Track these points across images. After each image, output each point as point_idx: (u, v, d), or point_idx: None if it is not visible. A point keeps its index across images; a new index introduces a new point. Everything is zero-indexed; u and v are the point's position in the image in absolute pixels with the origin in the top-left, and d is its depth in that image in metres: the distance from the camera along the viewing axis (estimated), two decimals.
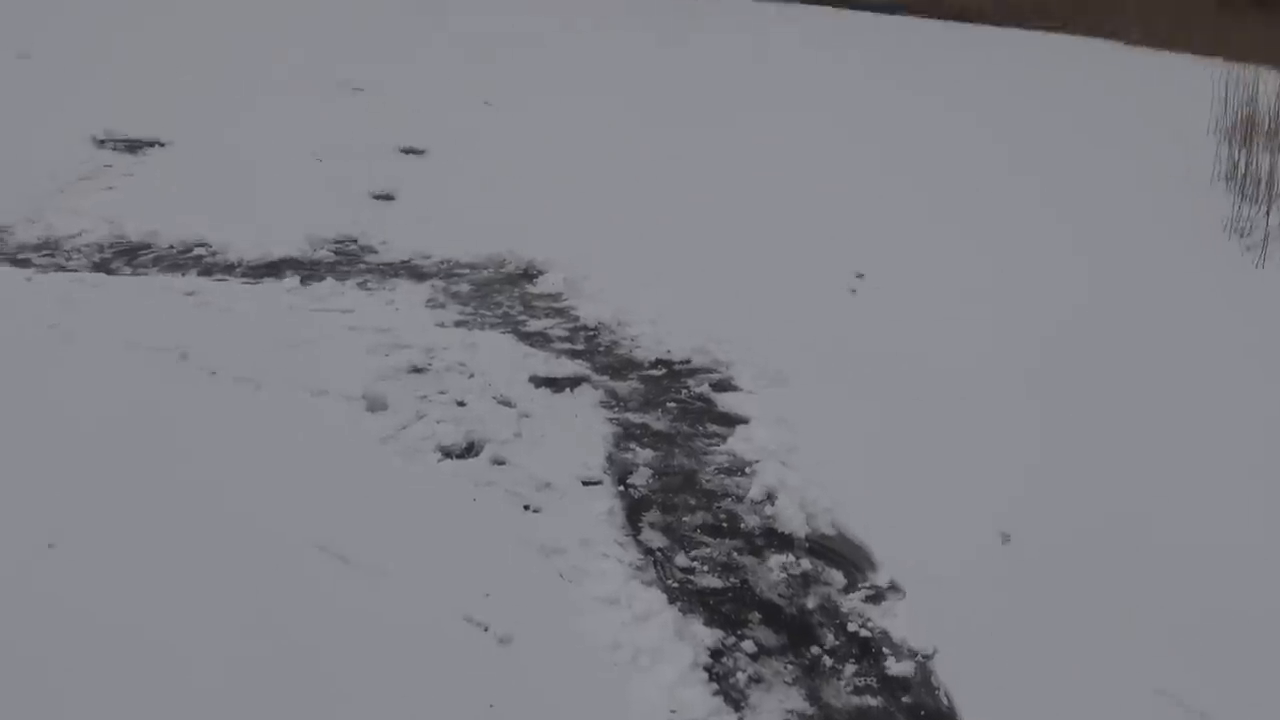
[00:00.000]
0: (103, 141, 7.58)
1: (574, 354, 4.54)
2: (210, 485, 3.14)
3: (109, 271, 5.08)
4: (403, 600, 2.75)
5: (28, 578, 2.63)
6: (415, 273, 5.41)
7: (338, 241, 5.77)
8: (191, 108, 8.95)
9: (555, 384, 4.19)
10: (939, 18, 25.03)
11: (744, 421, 4.01)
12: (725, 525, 3.39)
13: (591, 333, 4.80)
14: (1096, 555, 3.30)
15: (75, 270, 5.03)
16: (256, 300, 4.75)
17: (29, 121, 7.89)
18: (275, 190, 6.64)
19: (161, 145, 7.63)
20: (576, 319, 4.94)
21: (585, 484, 3.48)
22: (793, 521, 3.37)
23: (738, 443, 3.86)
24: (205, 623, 2.55)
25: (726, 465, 3.74)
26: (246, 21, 15.00)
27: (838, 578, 3.16)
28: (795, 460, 3.71)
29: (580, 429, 3.86)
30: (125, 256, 5.32)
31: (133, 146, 7.55)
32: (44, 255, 5.24)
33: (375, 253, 5.66)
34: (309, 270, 5.28)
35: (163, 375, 3.85)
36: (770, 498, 3.50)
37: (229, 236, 5.57)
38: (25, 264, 5.06)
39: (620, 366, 4.47)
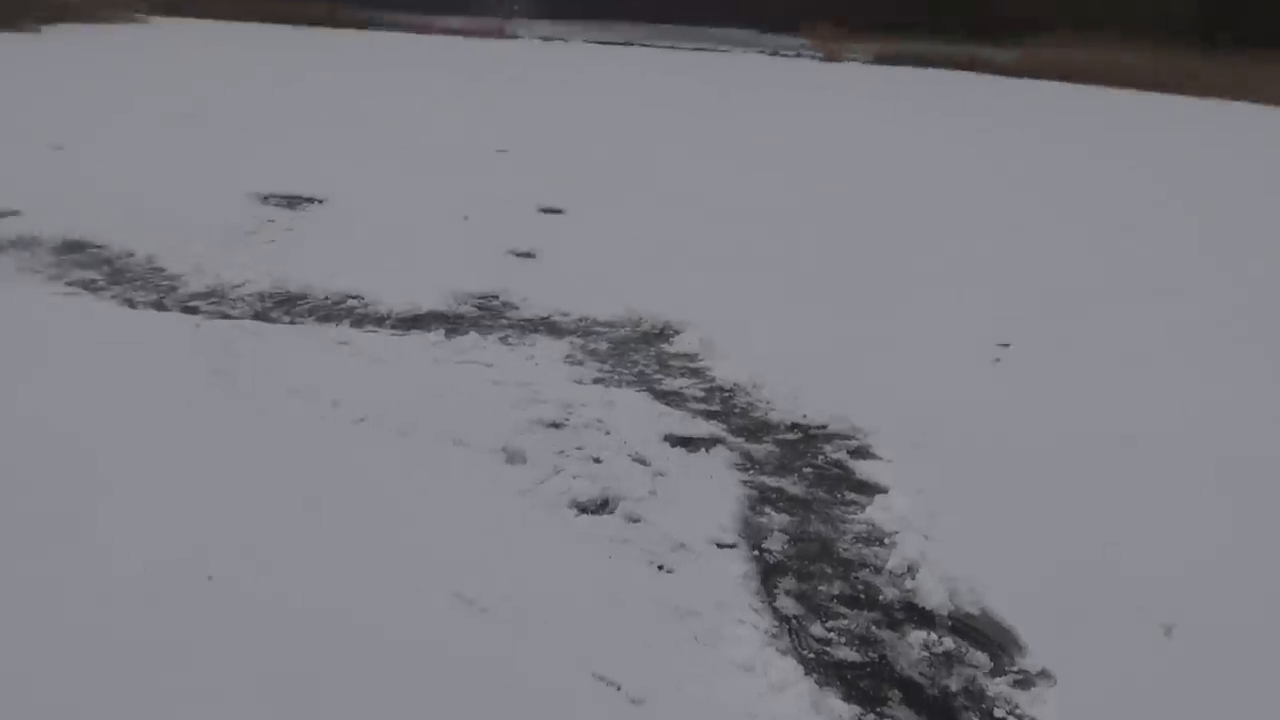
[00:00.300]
0: (266, 198, 8.09)
1: (709, 414, 4.53)
2: (354, 528, 3.23)
3: (268, 320, 5.36)
4: (536, 653, 2.75)
5: (198, 603, 2.76)
6: (554, 329, 5.52)
7: (480, 297, 5.95)
8: (347, 166, 9.47)
9: (690, 444, 4.18)
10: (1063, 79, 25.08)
11: (883, 490, 3.91)
12: (863, 596, 3.28)
13: (727, 394, 4.78)
14: (1268, 650, 3.06)
15: (238, 318, 5.32)
16: (404, 351, 4.93)
17: (202, 179, 8.48)
18: (423, 246, 6.94)
19: (320, 202, 8.08)
20: (712, 379, 4.94)
21: (719, 546, 3.44)
22: (934, 597, 3.24)
23: (876, 512, 3.76)
24: (337, 665, 2.61)
25: (864, 534, 3.64)
26: (396, 88, 15.77)
27: (983, 659, 3.01)
28: (937, 533, 3.58)
29: (715, 490, 3.83)
30: (284, 306, 5.61)
31: (293, 203, 8.03)
32: (211, 303, 5.57)
33: (516, 309, 5.81)
34: (453, 324, 5.46)
35: (315, 421, 4.02)
36: (911, 571, 3.38)
37: (379, 289, 5.82)
38: (194, 311, 5.39)
39: (755, 429, 4.43)
